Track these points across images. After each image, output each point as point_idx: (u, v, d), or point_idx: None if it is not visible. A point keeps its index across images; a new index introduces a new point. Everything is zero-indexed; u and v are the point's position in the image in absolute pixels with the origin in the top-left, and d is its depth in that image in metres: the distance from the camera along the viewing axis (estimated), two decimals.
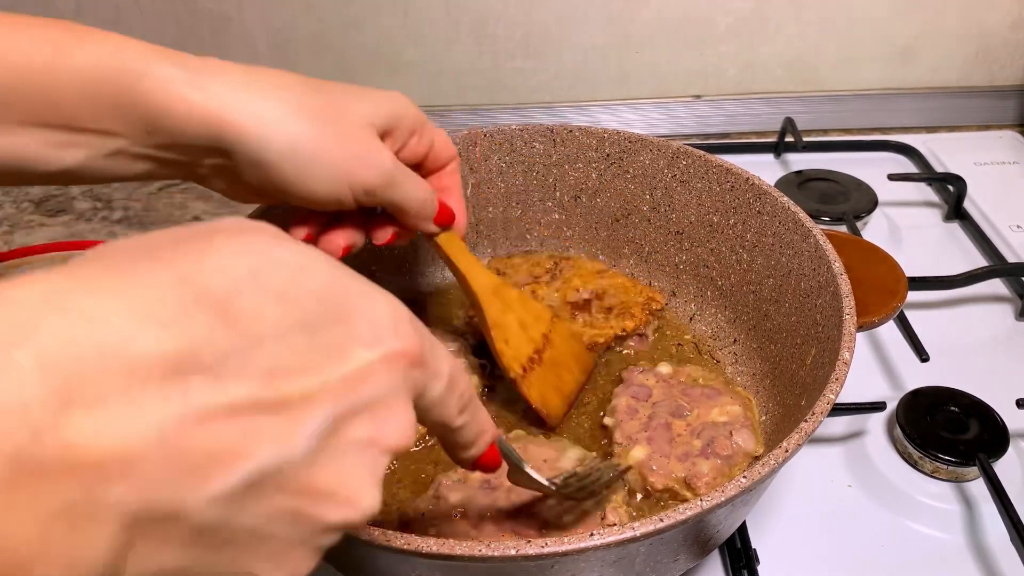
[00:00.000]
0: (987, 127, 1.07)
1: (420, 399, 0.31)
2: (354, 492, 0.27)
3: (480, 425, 0.36)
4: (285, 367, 0.25)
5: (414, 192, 0.49)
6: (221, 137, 0.42)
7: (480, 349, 0.64)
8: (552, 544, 0.37)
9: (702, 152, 0.66)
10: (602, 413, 0.60)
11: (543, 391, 0.59)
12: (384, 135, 0.48)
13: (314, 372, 0.26)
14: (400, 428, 0.28)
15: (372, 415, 0.27)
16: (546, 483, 0.45)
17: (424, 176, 0.53)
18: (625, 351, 0.66)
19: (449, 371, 0.32)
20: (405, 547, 0.37)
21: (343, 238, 0.51)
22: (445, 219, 0.54)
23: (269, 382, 0.24)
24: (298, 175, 0.44)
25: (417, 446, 0.57)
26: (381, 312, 0.29)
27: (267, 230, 0.28)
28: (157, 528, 0.22)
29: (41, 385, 0.20)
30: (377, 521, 0.48)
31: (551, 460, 0.53)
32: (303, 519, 0.26)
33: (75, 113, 0.41)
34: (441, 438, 0.36)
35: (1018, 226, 0.86)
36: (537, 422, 0.59)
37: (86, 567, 0.21)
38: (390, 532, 0.38)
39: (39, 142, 0.41)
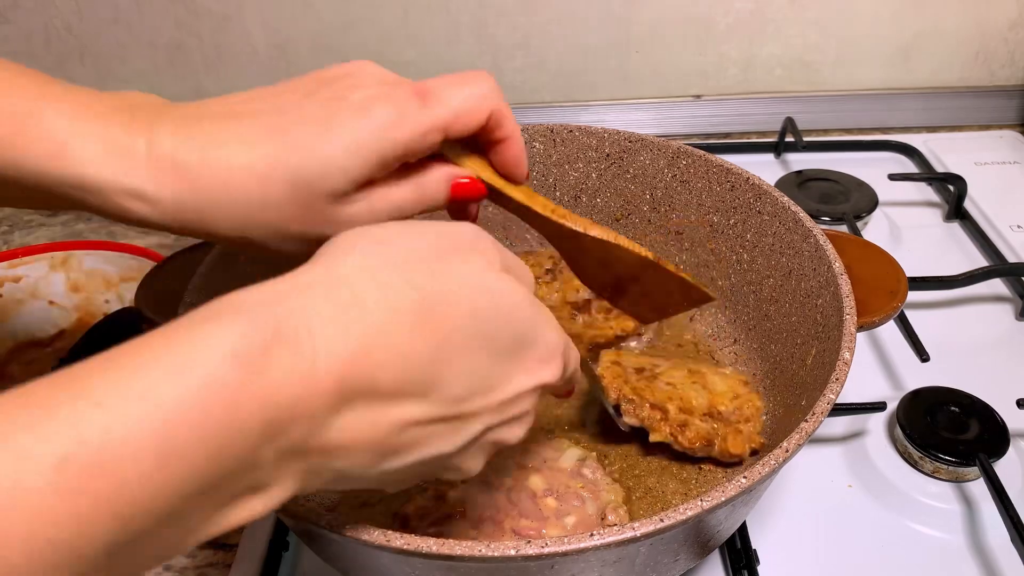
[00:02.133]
0: (987, 127, 1.07)
1: None
2: (469, 467, 0.36)
3: (576, 376, 0.42)
4: (468, 391, 0.33)
5: (404, 199, 0.42)
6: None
7: None
8: (552, 544, 0.37)
9: (702, 152, 0.66)
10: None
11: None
12: (370, 179, 0.40)
13: (486, 395, 0.33)
14: (519, 435, 0.37)
15: (508, 429, 0.36)
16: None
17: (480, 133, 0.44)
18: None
19: (574, 370, 0.40)
20: (405, 547, 0.37)
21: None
22: (463, 197, 0.45)
23: (455, 404, 0.32)
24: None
25: None
26: (552, 345, 0.36)
27: (489, 253, 0.35)
28: (341, 482, 0.33)
29: (330, 382, 0.29)
30: (376, 521, 0.48)
31: (551, 460, 0.53)
32: (429, 476, 0.36)
33: None
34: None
35: (1018, 226, 0.86)
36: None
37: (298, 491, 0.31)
38: (390, 532, 0.38)
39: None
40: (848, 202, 0.86)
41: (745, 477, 0.40)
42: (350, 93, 0.39)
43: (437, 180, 0.43)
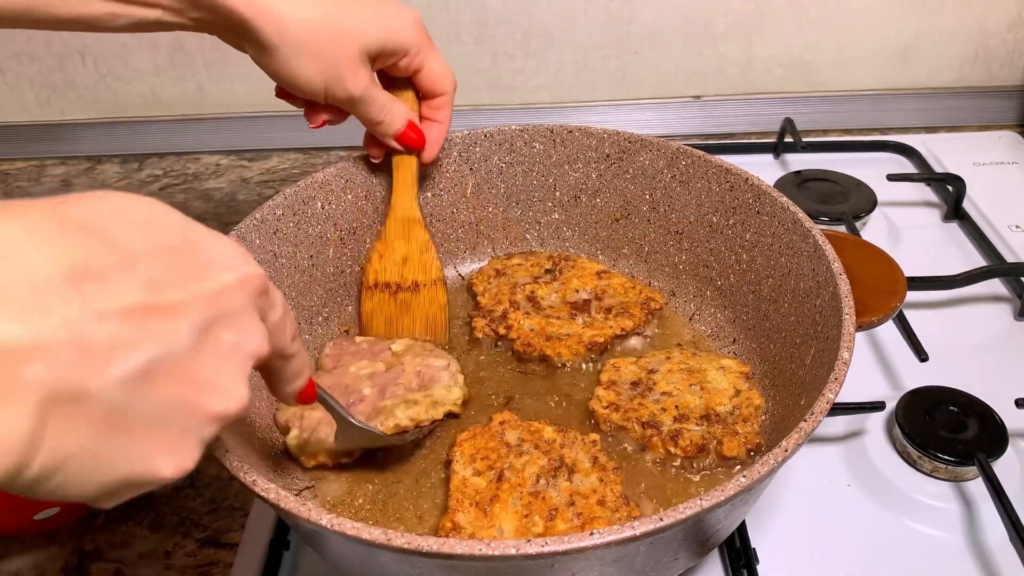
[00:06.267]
0: (986, 127, 1.07)
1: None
2: (228, 385, 0.32)
3: (305, 359, 0.42)
4: (162, 280, 0.30)
5: (375, 115, 0.60)
6: (242, 23, 0.52)
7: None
8: (552, 543, 0.37)
9: (702, 152, 0.66)
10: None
11: (374, 311, 0.67)
12: (375, 57, 0.58)
13: (185, 285, 0.31)
14: (258, 336, 0.34)
15: (236, 324, 0.33)
16: (377, 432, 0.53)
17: (423, 98, 0.64)
18: (624, 351, 0.66)
19: (282, 301, 0.38)
20: (406, 546, 0.37)
21: (325, 113, 0.61)
22: (407, 141, 0.63)
23: (151, 290, 0.29)
24: (291, 74, 0.56)
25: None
26: (228, 246, 0.34)
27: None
28: (70, 407, 0.26)
29: None
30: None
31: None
32: (190, 407, 0.31)
33: None
34: (272, 370, 0.41)
35: (1017, 226, 0.87)
36: None
37: (9, 441, 0.25)
38: (390, 531, 0.38)
39: (102, 11, 0.52)
40: (847, 202, 0.87)
41: (744, 476, 0.40)
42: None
43: (403, 111, 0.62)
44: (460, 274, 0.75)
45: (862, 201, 0.87)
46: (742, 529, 0.56)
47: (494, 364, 0.66)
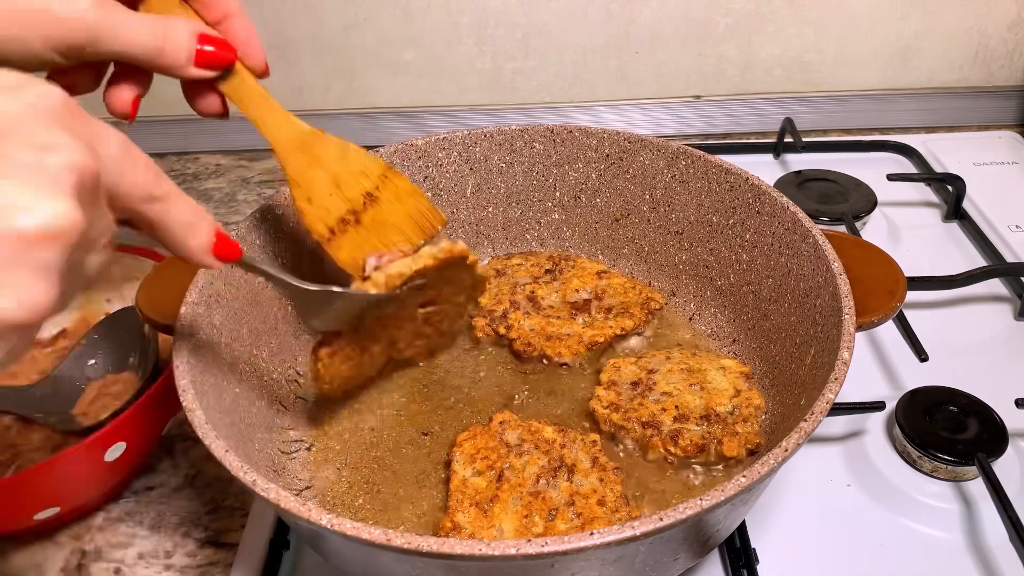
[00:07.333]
0: (986, 127, 1.07)
1: (105, 176, 0.31)
2: (29, 201, 0.28)
3: (192, 204, 0.36)
4: None
5: (136, 41, 0.40)
6: None
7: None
8: (552, 543, 0.37)
9: (702, 152, 0.67)
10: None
11: (356, 254, 0.54)
12: None
13: None
14: (69, 151, 0.29)
15: (26, 140, 0.28)
16: (335, 290, 0.48)
17: (196, 8, 0.46)
18: (624, 351, 0.66)
19: (116, 134, 0.32)
20: (405, 546, 0.37)
21: (128, 90, 0.45)
22: (211, 60, 0.45)
23: None
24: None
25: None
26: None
27: None
28: None
29: None
30: None
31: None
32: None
33: None
34: (154, 222, 0.35)
35: (1017, 226, 0.87)
36: None
37: None
38: (390, 532, 0.38)
39: None
40: (847, 202, 0.87)
41: (744, 476, 0.40)
42: None
43: (183, 32, 0.43)
44: None
45: (862, 201, 0.87)
46: (742, 529, 0.56)
47: (494, 364, 0.66)
